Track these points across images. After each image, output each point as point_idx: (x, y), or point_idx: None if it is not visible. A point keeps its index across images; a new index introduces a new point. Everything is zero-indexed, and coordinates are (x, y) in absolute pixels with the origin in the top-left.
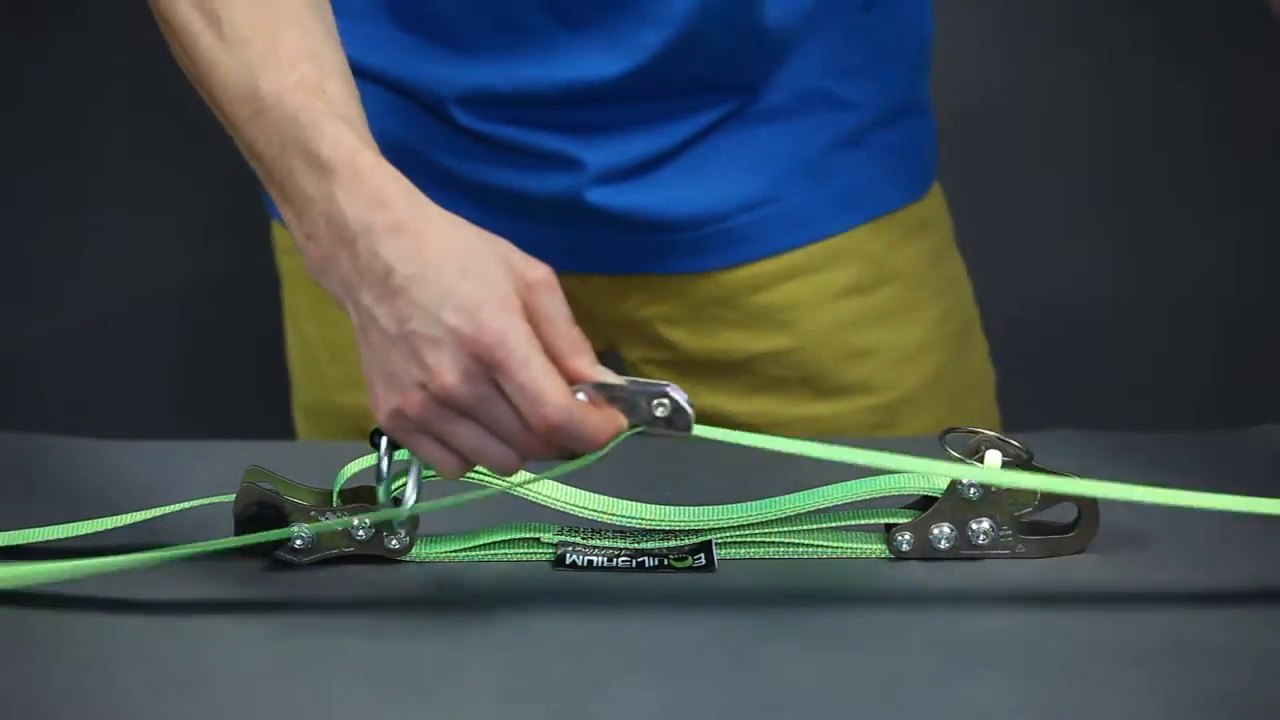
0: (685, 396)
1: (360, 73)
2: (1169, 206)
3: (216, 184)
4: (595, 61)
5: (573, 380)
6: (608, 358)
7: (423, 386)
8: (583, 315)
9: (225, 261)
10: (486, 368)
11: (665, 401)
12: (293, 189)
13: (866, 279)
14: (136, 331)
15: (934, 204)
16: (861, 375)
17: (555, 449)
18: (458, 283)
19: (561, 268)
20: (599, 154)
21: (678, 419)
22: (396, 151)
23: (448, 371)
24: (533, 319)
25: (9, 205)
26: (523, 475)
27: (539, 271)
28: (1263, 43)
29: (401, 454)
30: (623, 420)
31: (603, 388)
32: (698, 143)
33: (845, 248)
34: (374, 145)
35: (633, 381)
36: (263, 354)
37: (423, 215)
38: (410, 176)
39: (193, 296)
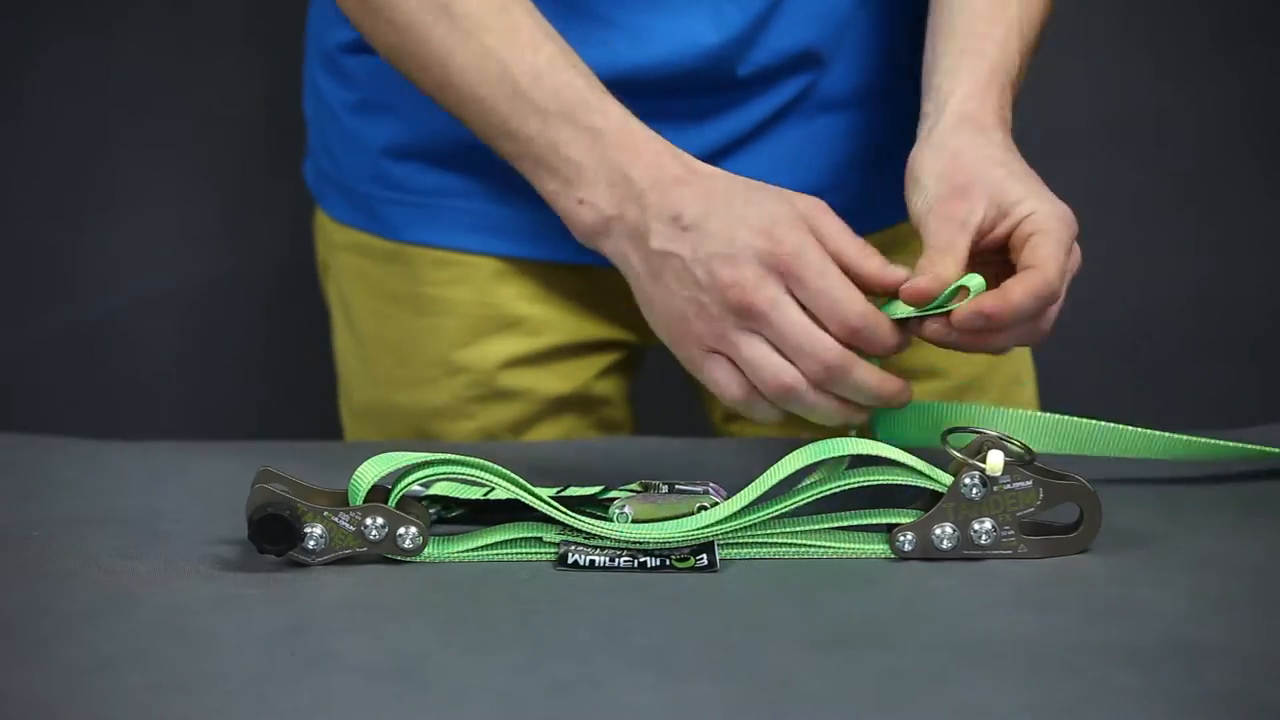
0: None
1: None
2: (1168, 208)
3: (218, 186)
4: (693, 33)
5: (867, 286)
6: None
7: (719, 302)
8: None
9: (226, 262)
10: (783, 278)
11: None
12: (560, 160)
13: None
14: (137, 331)
15: None
16: (926, 359)
17: (836, 371)
18: (746, 210)
19: None
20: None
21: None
22: (462, 146)
23: (746, 281)
24: (818, 238)
25: (9, 205)
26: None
27: (809, 200)
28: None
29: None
30: (902, 338)
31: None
32: (764, 132)
33: (906, 234)
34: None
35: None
36: (264, 354)
37: (699, 168)
38: (478, 175)
39: (194, 297)
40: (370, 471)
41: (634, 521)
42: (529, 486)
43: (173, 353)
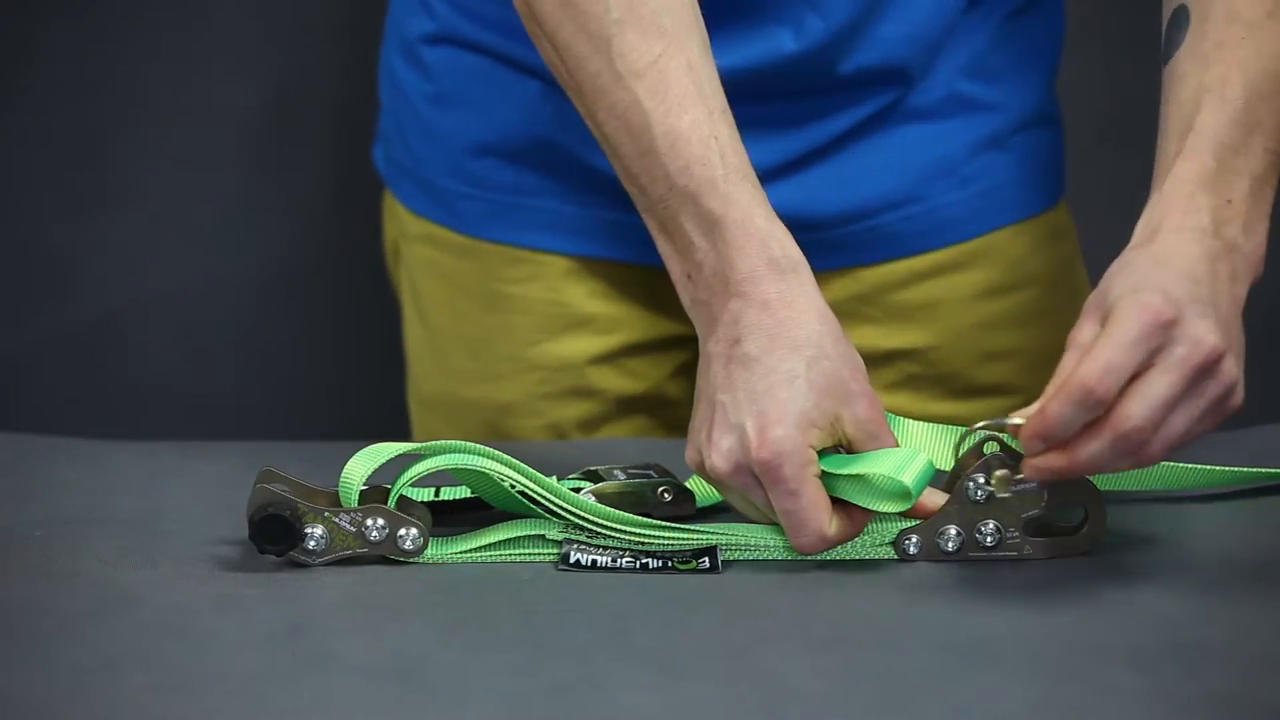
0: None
1: (510, 62)
2: None
3: (219, 186)
4: (772, 40)
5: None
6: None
7: (703, 450)
8: None
9: (226, 262)
10: (758, 473)
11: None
12: (677, 231)
13: (1006, 281)
14: (137, 331)
15: (1065, 213)
16: (997, 377)
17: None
18: (776, 386)
19: None
20: (750, 153)
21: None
22: (542, 148)
23: (721, 458)
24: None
25: (9, 205)
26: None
27: (866, 407)
28: None
29: (422, 493)
30: (856, 529)
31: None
32: (846, 142)
33: (986, 249)
34: (764, 200)
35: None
36: (264, 354)
37: (793, 300)
38: (553, 174)
39: (194, 297)
40: (358, 468)
41: (599, 499)
42: (521, 466)
43: (173, 353)
